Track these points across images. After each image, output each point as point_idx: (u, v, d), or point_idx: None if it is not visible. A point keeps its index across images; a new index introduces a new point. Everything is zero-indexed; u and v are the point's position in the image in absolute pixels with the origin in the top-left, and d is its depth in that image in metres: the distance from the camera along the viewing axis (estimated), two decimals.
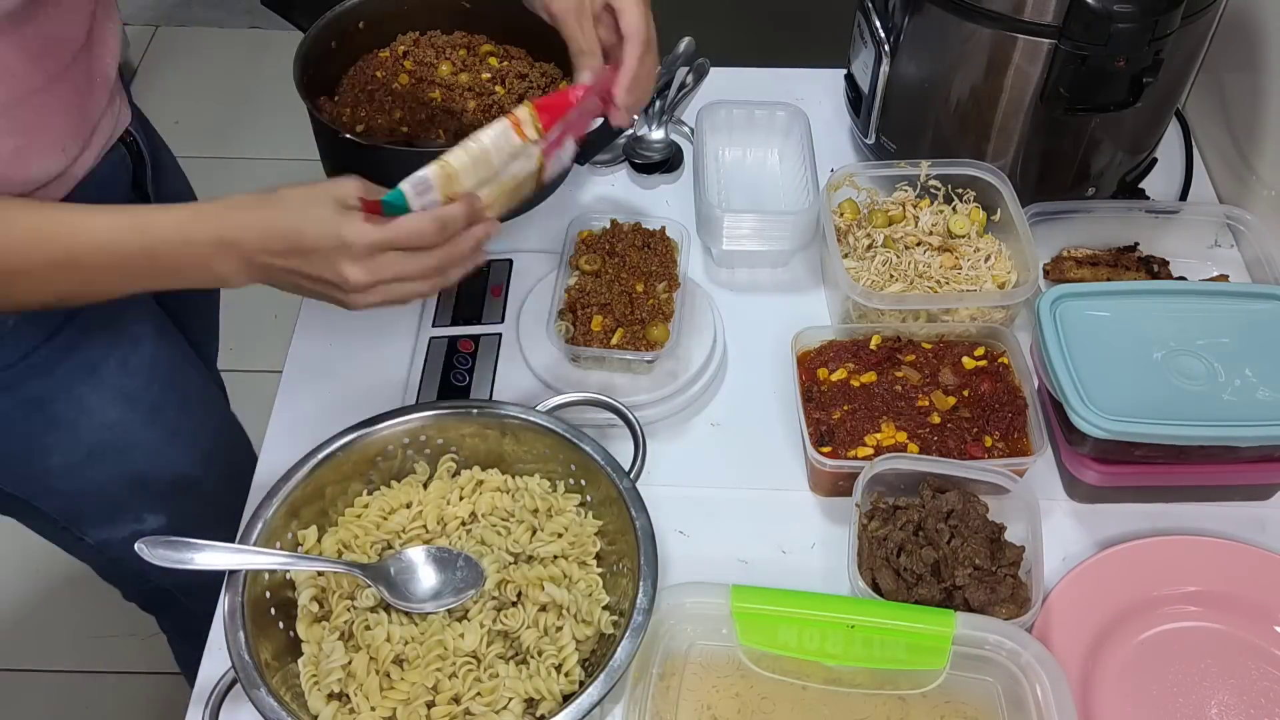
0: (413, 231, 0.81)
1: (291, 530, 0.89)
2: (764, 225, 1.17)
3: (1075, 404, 0.93)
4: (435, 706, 0.81)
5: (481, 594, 0.87)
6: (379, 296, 0.82)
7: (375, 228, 0.80)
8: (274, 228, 0.80)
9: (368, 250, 0.80)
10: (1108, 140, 1.16)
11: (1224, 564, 0.95)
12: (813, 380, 1.04)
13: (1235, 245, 1.23)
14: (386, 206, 0.81)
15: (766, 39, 1.88)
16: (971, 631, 0.85)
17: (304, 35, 1.21)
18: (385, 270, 0.81)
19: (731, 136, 1.31)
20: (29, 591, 1.95)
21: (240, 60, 2.90)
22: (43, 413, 1.01)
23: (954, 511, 0.93)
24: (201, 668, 0.91)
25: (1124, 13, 0.99)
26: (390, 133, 1.18)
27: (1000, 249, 1.14)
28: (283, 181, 0.84)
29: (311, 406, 1.08)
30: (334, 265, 0.80)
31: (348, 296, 0.82)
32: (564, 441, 0.92)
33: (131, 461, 1.08)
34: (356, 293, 0.81)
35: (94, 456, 1.06)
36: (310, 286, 0.82)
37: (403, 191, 0.81)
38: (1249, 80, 1.24)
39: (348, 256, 0.79)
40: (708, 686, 0.87)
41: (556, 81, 1.25)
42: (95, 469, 1.07)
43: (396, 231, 0.81)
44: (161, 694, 1.83)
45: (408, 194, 0.81)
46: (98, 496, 1.09)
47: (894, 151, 1.24)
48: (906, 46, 1.16)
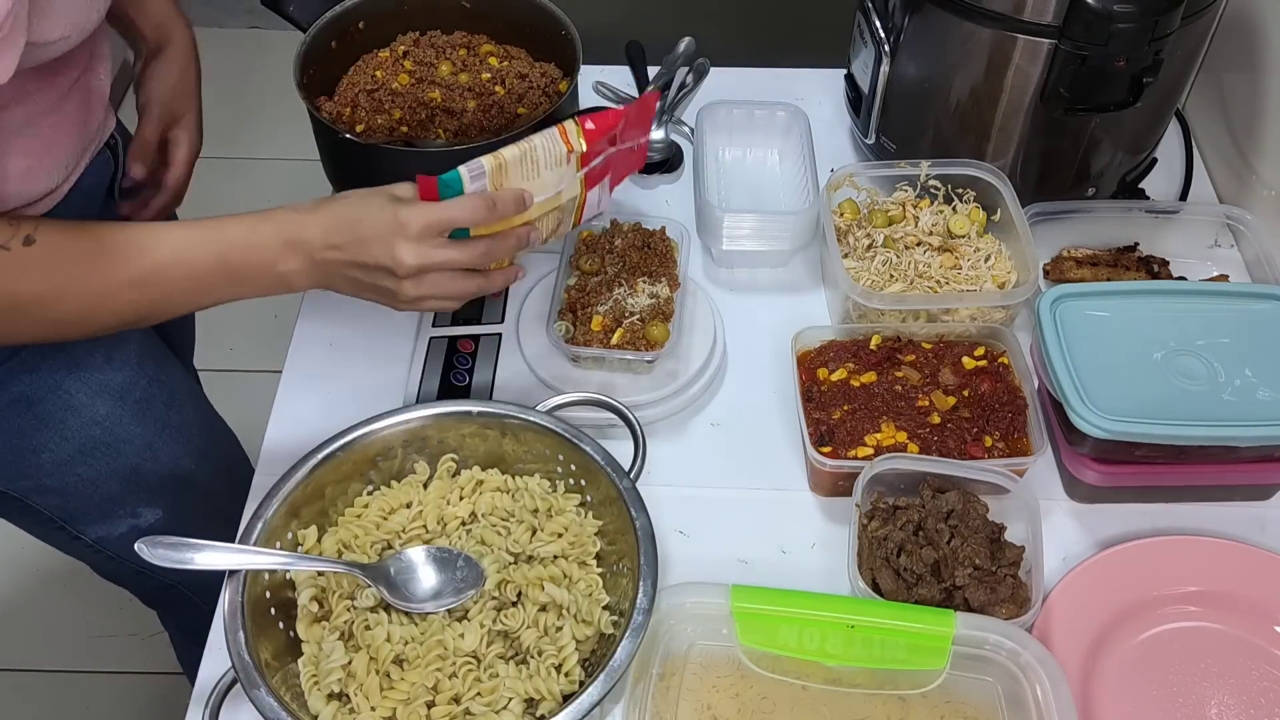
0: (465, 207, 0.85)
1: (291, 530, 0.89)
2: (764, 225, 1.17)
3: (1075, 404, 0.93)
4: (435, 706, 0.81)
5: (481, 594, 0.87)
6: (428, 287, 0.86)
7: (429, 208, 0.84)
8: (337, 219, 0.85)
9: (421, 230, 0.83)
10: (1108, 140, 1.16)
11: (1224, 564, 0.95)
12: (813, 380, 1.04)
13: (1235, 245, 1.23)
14: (442, 185, 0.84)
15: (766, 39, 1.88)
16: (971, 631, 0.85)
17: (304, 35, 1.21)
18: (436, 254, 0.84)
19: (731, 136, 1.31)
20: (28, 591, 1.95)
21: (240, 60, 2.90)
22: (32, 410, 1.02)
23: (954, 511, 0.93)
24: (201, 667, 0.91)
25: (1124, 13, 0.99)
26: (390, 133, 1.18)
27: (1000, 249, 1.14)
28: (282, 182, 0.85)
29: (311, 406, 1.08)
30: (389, 247, 0.83)
31: (399, 284, 0.85)
32: (564, 441, 0.92)
33: (123, 456, 1.09)
34: (408, 279, 0.85)
35: (84, 452, 1.06)
36: (364, 278, 0.86)
37: (459, 172, 0.85)
38: (1249, 80, 1.24)
39: (402, 236, 0.83)
40: (708, 686, 0.87)
41: (556, 81, 1.25)
42: (86, 465, 1.07)
43: (449, 210, 0.85)
44: (161, 694, 1.83)
45: (464, 175, 0.85)
46: (91, 493, 1.09)
47: (894, 151, 1.24)
48: (906, 46, 1.16)
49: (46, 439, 1.04)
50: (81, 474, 1.07)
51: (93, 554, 1.17)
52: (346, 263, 0.85)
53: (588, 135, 0.92)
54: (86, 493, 1.09)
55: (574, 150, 0.91)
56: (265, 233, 0.84)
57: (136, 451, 1.09)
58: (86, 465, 1.07)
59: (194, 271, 0.84)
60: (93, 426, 1.05)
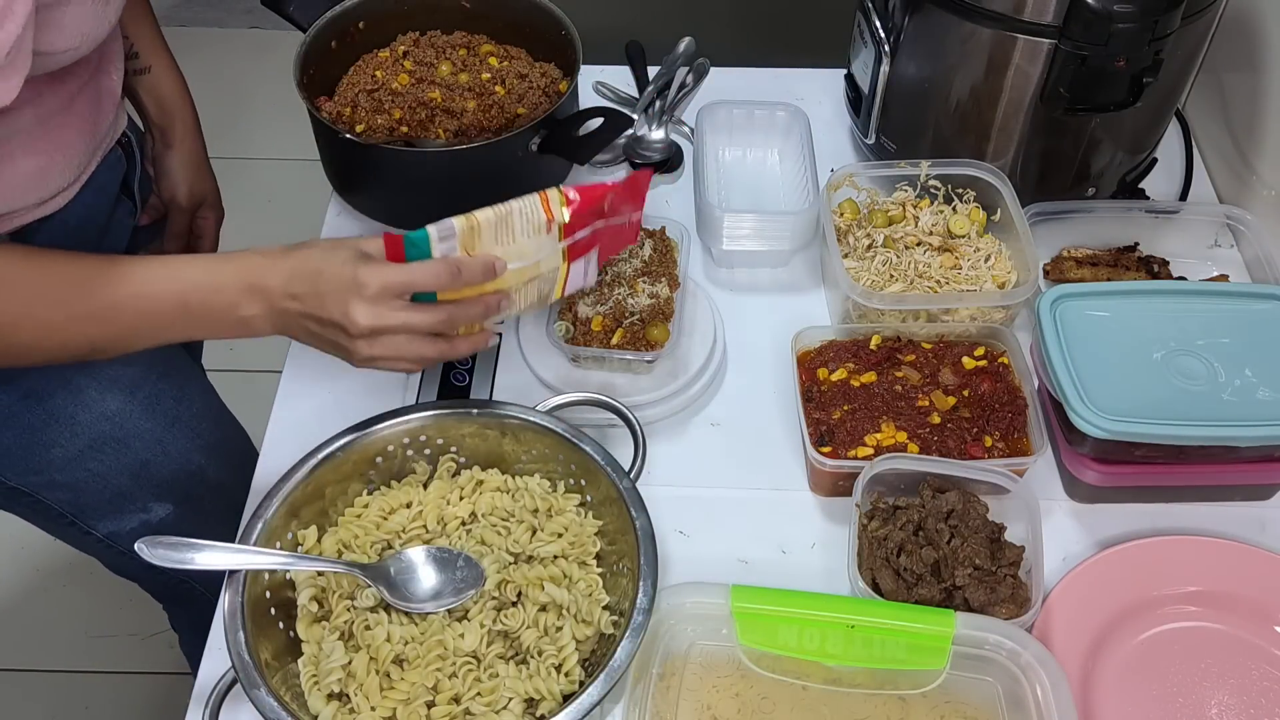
0: (426, 272, 0.82)
1: (291, 530, 0.89)
2: (764, 225, 1.17)
3: (1075, 404, 0.93)
4: (435, 706, 0.81)
5: (481, 594, 0.87)
6: (382, 349, 0.83)
7: (389, 269, 0.82)
8: (298, 270, 0.83)
9: (378, 291, 0.81)
10: (1108, 140, 1.16)
11: (1224, 564, 0.95)
12: (813, 380, 1.04)
13: (1235, 245, 1.23)
14: (409, 243, 0.82)
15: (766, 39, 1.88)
16: (971, 631, 0.85)
17: (304, 35, 1.21)
18: (392, 317, 0.82)
19: (731, 136, 1.31)
20: (28, 591, 1.95)
21: (240, 60, 2.91)
22: (42, 406, 1.02)
23: (954, 511, 0.93)
24: (201, 667, 0.91)
25: (1124, 13, 0.99)
26: (390, 133, 1.18)
27: (1000, 249, 1.14)
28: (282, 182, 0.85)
29: (311, 406, 1.08)
30: (344, 304, 0.81)
31: (353, 343, 0.83)
32: (564, 441, 0.92)
33: (133, 451, 1.09)
34: (361, 338, 0.83)
35: (95, 447, 1.06)
36: (320, 331, 0.84)
37: (428, 232, 0.82)
38: (1249, 80, 1.24)
39: (357, 295, 0.81)
40: (708, 686, 0.87)
41: (556, 81, 1.25)
42: (97, 460, 1.07)
43: (409, 274, 0.82)
44: (161, 694, 1.83)
45: (431, 235, 0.82)
46: (101, 487, 1.10)
47: (894, 151, 1.24)
48: (906, 46, 1.16)
49: (57, 434, 1.04)
50: (92, 469, 1.08)
51: (103, 549, 1.17)
52: (303, 314, 0.83)
53: (571, 206, 0.88)
54: (97, 488, 1.10)
55: (554, 220, 0.87)
56: (227, 275, 0.83)
57: (147, 446, 1.10)
58: (97, 460, 1.07)
59: (153, 309, 0.84)
60: (103, 422, 1.06)
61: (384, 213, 1.24)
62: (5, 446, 1.04)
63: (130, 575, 1.28)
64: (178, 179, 1.15)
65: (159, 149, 1.14)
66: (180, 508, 1.15)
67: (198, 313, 0.84)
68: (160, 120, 1.13)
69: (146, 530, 1.09)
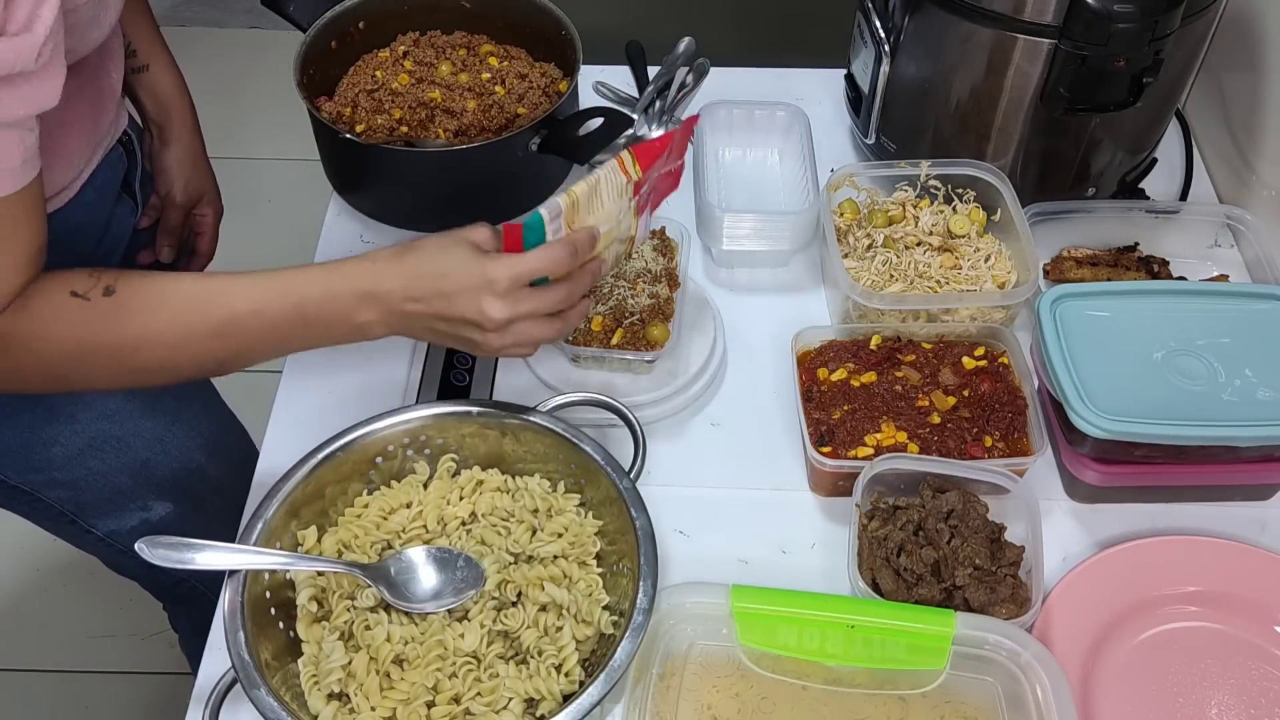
0: (549, 258, 0.85)
1: (291, 530, 0.89)
2: (764, 225, 1.17)
3: (1075, 404, 0.93)
4: (435, 706, 0.81)
5: (481, 594, 0.87)
6: (512, 337, 0.86)
7: (515, 260, 0.84)
8: (418, 273, 0.84)
9: (510, 285, 0.84)
10: (1108, 140, 1.16)
11: (1224, 564, 0.95)
12: (813, 380, 1.04)
13: (1235, 245, 1.23)
14: (528, 229, 0.84)
15: (766, 39, 1.88)
16: (971, 631, 0.85)
17: (304, 35, 1.21)
18: (522, 306, 0.85)
19: (731, 136, 1.31)
20: (28, 591, 1.95)
21: (240, 60, 2.91)
22: (42, 404, 1.02)
23: (954, 511, 0.93)
24: (201, 667, 0.91)
25: (1124, 13, 0.99)
26: (390, 133, 1.18)
27: (1000, 249, 1.14)
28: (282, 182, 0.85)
29: (311, 406, 1.08)
30: (477, 302, 0.83)
31: (485, 336, 0.85)
32: (564, 441, 0.92)
33: (133, 450, 1.09)
34: (494, 331, 0.85)
35: (95, 446, 1.07)
36: (448, 330, 0.86)
37: (540, 215, 0.84)
38: (1249, 80, 1.24)
39: (490, 292, 0.83)
40: (708, 686, 0.87)
41: (556, 81, 1.25)
42: (97, 459, 1.08)
43: (534, 263, 0.85)
44: (161, 694, 1.83)
45: (545, 217, 0.84)
46: (101, 486, 1.10)
47: (894, 151, 1.24)
48: (906, 46, 1.16)
49: (57, 432, 1.04)
50: (92, 467, 1.08)
51: (104, 548, 1.17)
52: (429, 315, 0.85)
53: (641, 163, 0.91)
54: (97, 486, 1.10)
55: (630, 179, 0.90)
56: (340, 284, 0.84)
57: (147, 445, 1.10)
58: (97, 459, 1.08)
59: (272, 321, 0.84)
60: (103, 420, 1.06)
61: (384, 213, 1.24)
62: (5, 445, 1.04)
63: (130, 574, 1.28)
64: (174, 175, 1.15)
65: (156, 146, 1.14)
66: (180, 507, 1.15)
67: (315, 323, 0.85)
68: (157, 117, 1.13)
69: (146, 529, 1.09)
